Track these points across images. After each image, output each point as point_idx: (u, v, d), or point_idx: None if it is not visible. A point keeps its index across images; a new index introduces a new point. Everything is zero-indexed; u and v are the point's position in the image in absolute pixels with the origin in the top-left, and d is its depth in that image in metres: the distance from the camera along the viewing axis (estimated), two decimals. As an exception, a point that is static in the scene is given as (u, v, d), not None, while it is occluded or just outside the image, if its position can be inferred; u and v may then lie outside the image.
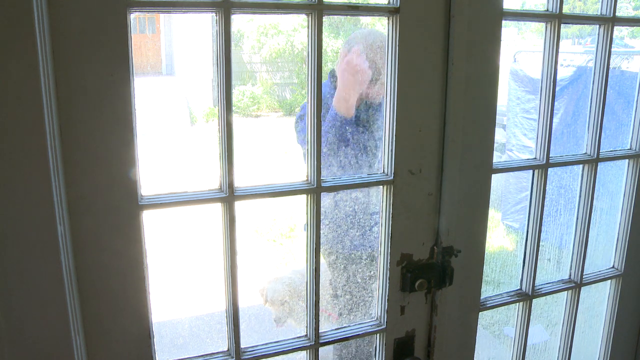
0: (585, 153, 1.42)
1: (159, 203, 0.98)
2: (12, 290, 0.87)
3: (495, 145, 1.26)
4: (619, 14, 1.32)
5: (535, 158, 1.33)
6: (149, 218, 0.98)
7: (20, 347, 0.90)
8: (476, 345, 1.35)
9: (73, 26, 0.86)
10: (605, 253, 1.62)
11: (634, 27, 3.28)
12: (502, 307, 1.39)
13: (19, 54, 0.80)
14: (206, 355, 1.09)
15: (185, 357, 1.11)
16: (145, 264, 0.99)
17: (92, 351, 0.99)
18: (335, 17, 10.33)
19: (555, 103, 1.31)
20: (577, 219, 1.46)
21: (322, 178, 1.09)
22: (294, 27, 9.77)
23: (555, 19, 1.23)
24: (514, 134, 4.51)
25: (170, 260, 3.89)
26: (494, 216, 4.64)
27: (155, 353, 1.05)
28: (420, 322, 1.27)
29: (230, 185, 1.00)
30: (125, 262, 0.98)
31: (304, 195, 1.11)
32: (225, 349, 1.11)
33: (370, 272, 2.66)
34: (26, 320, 0.90)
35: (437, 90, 1.15)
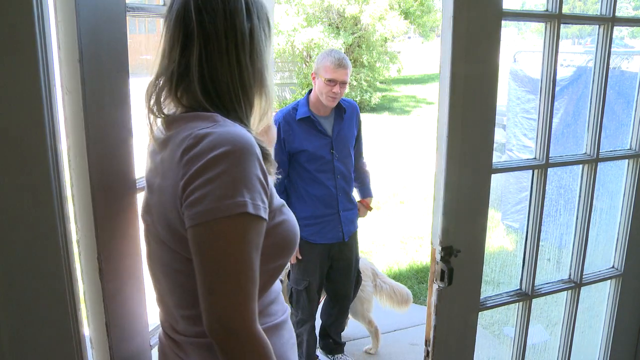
0: (585, 153, 1.42)
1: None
2: (12, 289, 0.87)
3: (495, 145, 1.26)
4: (618, 14, 1.32)
5: (535, 158, 1.34)
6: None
7: (20, 346, 0.90)
8: (476, 345, 1.36)
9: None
10: (605, 253, 1.62)
11: (634, 27, 3.28)
12: (502, 307, 1.39)
13: (18, 53, 0.81)
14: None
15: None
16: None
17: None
18: (336, 17, 10.33)
19: (555, 103, 1.31)
20: (577, 219, 1.46)
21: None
22: (294, 27, 9.75)
23: (555, 19, 1.23)
24: (514, 134, 4.51)
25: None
26: (494, 216, 4.63)
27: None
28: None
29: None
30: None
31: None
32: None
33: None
34: (26, 319, 0.90)
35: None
